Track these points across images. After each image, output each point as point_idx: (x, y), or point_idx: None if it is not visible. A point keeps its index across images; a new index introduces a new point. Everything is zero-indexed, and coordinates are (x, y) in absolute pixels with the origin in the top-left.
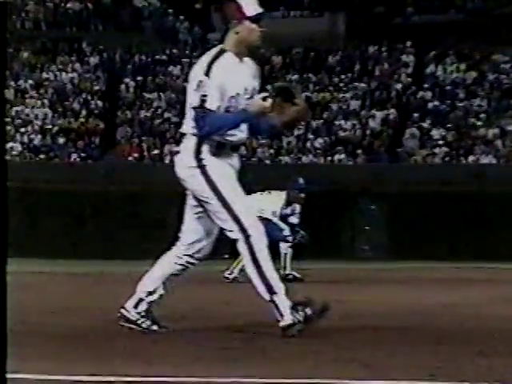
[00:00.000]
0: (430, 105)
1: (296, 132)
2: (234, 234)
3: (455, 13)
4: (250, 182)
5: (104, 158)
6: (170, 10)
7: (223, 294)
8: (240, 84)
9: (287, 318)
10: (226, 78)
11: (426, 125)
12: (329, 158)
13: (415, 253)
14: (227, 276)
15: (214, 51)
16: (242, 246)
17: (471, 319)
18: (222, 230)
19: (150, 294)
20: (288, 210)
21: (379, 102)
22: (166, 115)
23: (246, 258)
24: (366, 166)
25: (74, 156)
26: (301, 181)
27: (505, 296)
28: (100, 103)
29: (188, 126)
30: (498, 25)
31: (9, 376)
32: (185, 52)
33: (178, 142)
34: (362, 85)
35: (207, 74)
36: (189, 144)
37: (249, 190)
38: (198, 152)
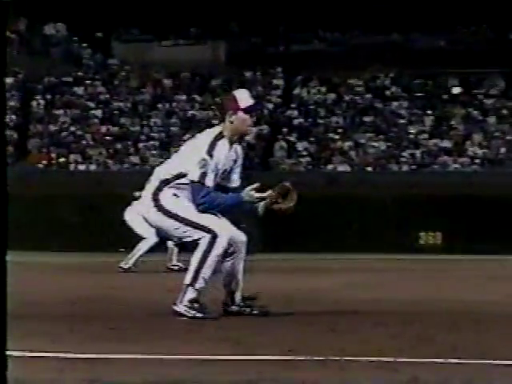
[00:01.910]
0: (296, 121)
1: (184, 144)
2: (203, 238)
3: (318, 43)
4: (142, 187)
5: (17, 164)
6: (75, 38)
7: (118, 282)
8: (225, 166)
9: (181, 308)
10: (220, 162)
11: (292, 138)
12: None
13: (283, 246)
14: (122, 266)
15: (214, 133)
16: (204, 241)
17: (327, 302)
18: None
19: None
20: None
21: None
22: (72, 129)
23: (200, 248)
24: (243, 173)
25: None
26: None
27: (357, 282)
28: (14, 117)
29: (158, 174)
30: (353, 53)
31: None
32: (88, 75)
33: (81, 152)
34: None
35: (210, 154)
36: (150, 189)
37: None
38: (155, 195)
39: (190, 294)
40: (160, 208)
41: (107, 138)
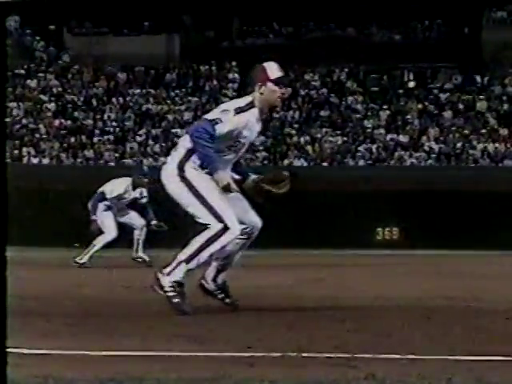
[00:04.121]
0: None
1: (138, 138)
2: (213, 226)
3: (273, 37)
4: (96, 181)
5: None
6: (28, 31)
7: (75, 278)
8: (249, 137)
9: (165, 281)
10: (243, 128)
11: None
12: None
13: None
14: (77, 261)
15: (247, 100)
16: (213, 229)
17: (285, 298)
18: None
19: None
20: (137, 194)
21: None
22: (24, 122)
23: (208, 233)
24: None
25: None
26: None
27: (313, 278)
28: None
29: (184, 142)
30: (308, 48)
31: None
32: (41, 67)
33: (34, 145)
34: (195, 99)
35: (236, 113)
36: (176, 157)
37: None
38: (181, 164)
39: (180, 271)
40: (184, 179)
41: (60, 131)
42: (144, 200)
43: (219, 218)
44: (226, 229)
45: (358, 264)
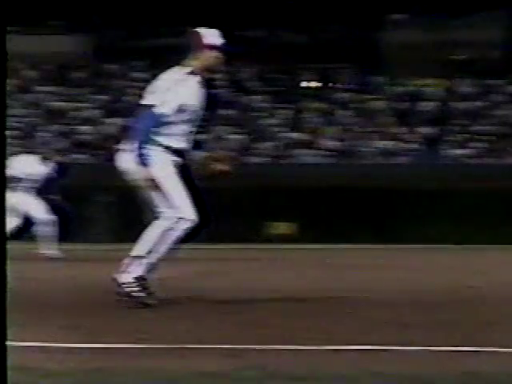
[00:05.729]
0: None
1: (44, 134)
2: (169, 216)
3: (182, 38)
4: None
5: None
6: None
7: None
8: (197, 104)
9: (124, 278)
10: (188, 97)
11: None
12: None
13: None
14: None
15: (185, 70)
16: (169, 219)
17: (177, 291)
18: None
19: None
20: (48, 169)
21: (116, 111)
22: None
23: (163, 224)
24: (102, 164)
25: None
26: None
27: (207, 271)
28: None
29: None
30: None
31: None
32: None
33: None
34: (103, 97)
35: (176, 86)
36: (130, 143)
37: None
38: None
39: (138, 267)
40: (144, 164)
41: None
42: (55, 175)
43: (175, 207)
44: (181, 219)
45: (254, 258)
